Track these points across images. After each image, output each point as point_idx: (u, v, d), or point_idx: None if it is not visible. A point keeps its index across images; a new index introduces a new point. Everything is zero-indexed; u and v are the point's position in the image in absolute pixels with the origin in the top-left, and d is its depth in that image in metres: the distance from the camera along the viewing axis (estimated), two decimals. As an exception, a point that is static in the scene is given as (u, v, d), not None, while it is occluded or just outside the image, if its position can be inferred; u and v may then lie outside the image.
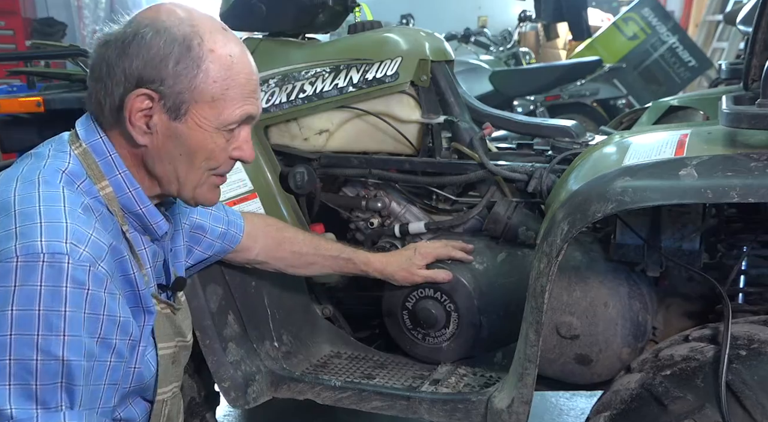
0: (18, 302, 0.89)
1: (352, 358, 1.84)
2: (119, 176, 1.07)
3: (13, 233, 0.92)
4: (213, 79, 1.05)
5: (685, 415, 1.18)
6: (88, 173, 1.05)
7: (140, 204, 1.10)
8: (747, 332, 1.24)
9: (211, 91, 1.05)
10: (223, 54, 1.06)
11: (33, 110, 1.82)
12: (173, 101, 1.04)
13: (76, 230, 0.94)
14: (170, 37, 1.03)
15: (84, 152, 1.06)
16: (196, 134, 1.07)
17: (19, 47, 6.65)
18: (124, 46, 1.02)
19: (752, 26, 1.52)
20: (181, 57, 1.03)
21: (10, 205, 0.95)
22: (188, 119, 1.06)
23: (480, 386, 1.64)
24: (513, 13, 7.44)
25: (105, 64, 1.04)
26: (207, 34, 1.06)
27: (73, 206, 0.98)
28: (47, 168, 1.02)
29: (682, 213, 1.46)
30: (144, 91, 1.03)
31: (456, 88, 1.92)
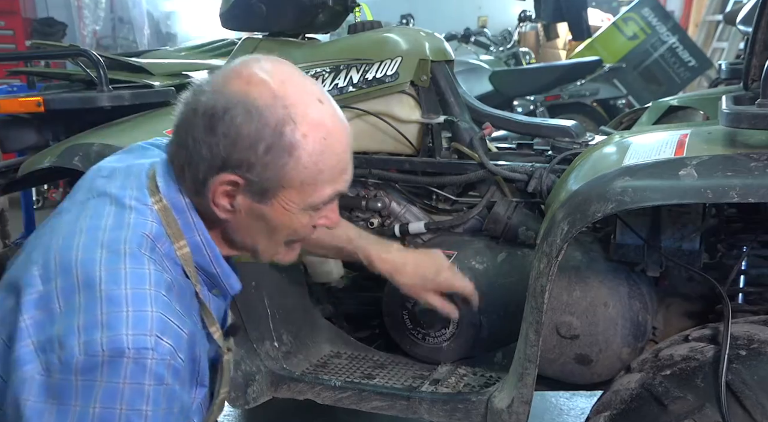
0: (101, 400, 0.88)
1: (352, 358, 1.84)
2: (197, 237, 1.03)
3: (99, 322, 0.89)
4: (303, 166, 0.98)
5: (685, 415, 1.18)
6: (167, 232, 1.00)
7: (216, 266, 1.06)
8: (747, 332, 1.24)
9: (300, 178, 0.99)
10: (316, 138, 0.98)
11: (33, 110, 1.81)
12: (259, 187, 0.98)
13: (160, 320, 0.92)
14: (262, 122, 0.95)
15: (164, 209, 1.01)
16: (281, 215, 1.03)
17: (19, 47, 6.64)
18: (213, 124, 0.95)
19: (752, 26, 1.52)
20: (272, 145, 0.95)
21: (95, 282, 0.91)
22: (274, 202, 1.01)
23: (480, 386, 1.64)
24: (513, 13, 7.43)
25: (191, 135, 0.97)
26: (300, 115, 0.96)
27: (158, 287, 0.94)
28: (132, 233, 0.97)
29: (682, 213, 1.46)
30: (230, 178, 0.97)
31: (456, 88, 1.92)
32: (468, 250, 1.78)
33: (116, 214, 1.00)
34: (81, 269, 0.92)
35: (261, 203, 1.01)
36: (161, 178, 1.03)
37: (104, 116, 1.84)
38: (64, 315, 0.90)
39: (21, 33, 6.88)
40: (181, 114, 1.00)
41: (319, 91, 1.02)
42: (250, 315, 1.74)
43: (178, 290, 0.99)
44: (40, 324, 0.91)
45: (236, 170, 0.96)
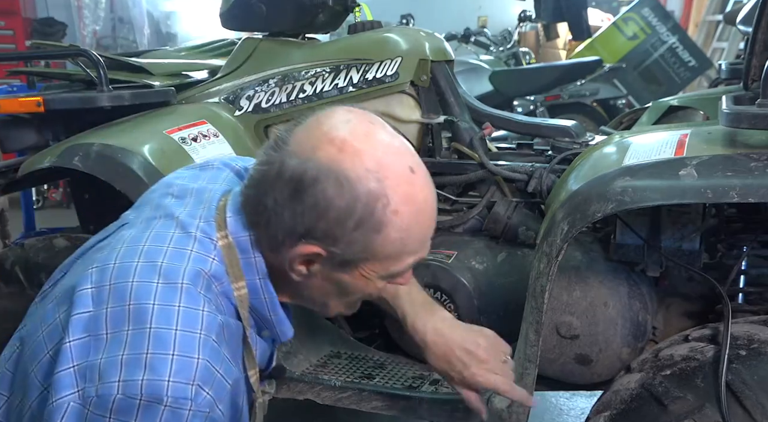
0: None
1: (352, 358, 1.83)
2: (258, 281, 0.99)
3: (143, 362, 0.86)
4: (390, 242, 0.94)
5: (685, 415, 1.18)
6: (227, 271, 0.97)
7: (272, 312, 1.03)
8: (747, 332, 1.24)
9: (385, 252, 0.95)
10: (407, 214, 0.93)
11: (33, 110, 1.81)
12: (341, 259, 0.95)
13: (205, 368, 0.88)
14: (353, 196, 0.89)
15: (228, 246, 0.97)
16: (359, 282, 1.00)
17: (19, 47, 6.64)
18: (300, 192, 0.90)
19: (752, 26, 1.52)
20: (362, 221, 0.90)
21: (147, 316, 0.88)
22: (354, 272, 0.98)
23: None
24: (513, 13, 7.43)
25: (272, 196, 0.92)
26: (392, 189, 0.91)
27: (209, 332, 0.91)
28: (191, 267, 0.93)
29: (682, 213, 1.46)
30: (312, 249, 0.93)
31: (456, 88, 1.92)
32: (468, 250, 1.78)
33: (179, 241, 0.96)
34: (134, 299, 0.89)
35: (340, 271, 0.97)
36: (231, 213, 0.99)
37: (104, 116, 1.84)
38: (110, 345, 0.87)
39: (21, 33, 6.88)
40: (263, 171, 0.94)
41: (411, 157, 0.96)
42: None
43: (228, 334, 0.96)
44: (84, 349, 0.88)
45: (320, 241, 0.92)
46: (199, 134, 1.79)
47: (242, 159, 1.19)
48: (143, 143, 1.69)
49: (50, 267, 1.75)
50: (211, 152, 1.77)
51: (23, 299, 1.79)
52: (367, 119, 0.96)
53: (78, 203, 2.18)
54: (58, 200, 5.34)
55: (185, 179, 1.09)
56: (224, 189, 1.05)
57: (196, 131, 1.79)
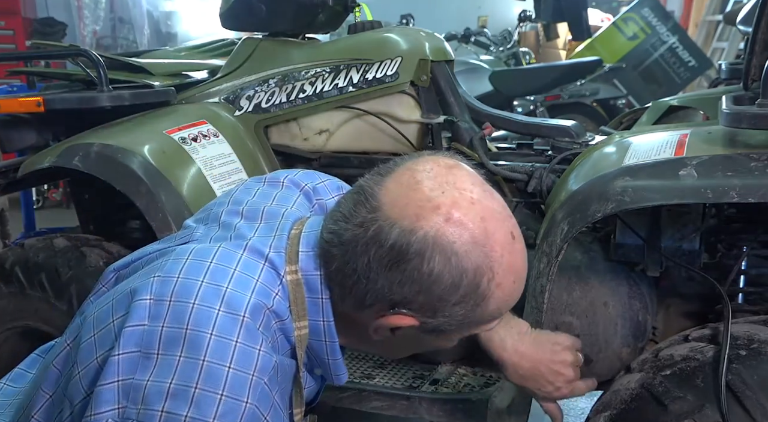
0: None
1: (352, 358, 1.83)
2: (322, 324, 0.95)
3: (190, 396, 0.82)
4: (489, 313, 0.90)
5: (685, 415, 1.18)
6: (290, 309, 0.93)
7: (330, 357, 0.99)
8: (747, 332, 1.24)
9: (478, 321, 0.92)
10: (509, 284, 0.89)
11: (33, 110, 1.81)
12: (434, 327, 0.90)
13: (251, 414, 0.85)
14: (459, 271, 0.85)
15: (296, 283, 0.93)
16: (442, 342, 0.97)
17: (19, 47, 6.64)
18: (401, 262, 0.84)
19: (752, 26, 1.52)
20: (466, 295, 0.86)
21: (202, 346, 0.84)
22: (443, 337, 0.94)
23: (480, 386, 1.64)
24: (513, 13, 7.44)
25: (364, 260, 0.86)
26: (498, 262, 0.87)
27: (261, 374, 0.87)
28: (255, 300, 0.88)
29: (682, 213, 1.46)
30: (407, 321, 0.89)
31: (456, 88, 1.92)
32: (468, 250, 1.78)
33: (247, 266, 0.91)
34: (192, 324, 0.85)
35: (427, 336, 0.93)
36: (304, 248, 0.94)
37: (104, 116, 1.85)
38: (159, 368, 0.84)
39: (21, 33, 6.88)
40: (354, 232, 0.88)
41: (510, 221, 0.91)
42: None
43: (281, 375, 0.93)
44: (132, 365, 0.85)
45: (416, 313, 0.88)
46: (199, 134, 1.79)
47: (308, 176, 1.15)
48: (143, 143, 1.69)
49: (50, 267, 1.76)
50: (211, 152, 1.77)
51: (23, 299, 1.80)
52: (464, 174, 0.90)
53: (78, 203, 2.18)
54: (58, 200, 5.34)
55: (254, 195, 1.05)
56: (297, 215, 1.00)
57: (196, 131, 1.79)
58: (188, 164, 1.71)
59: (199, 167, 1.72)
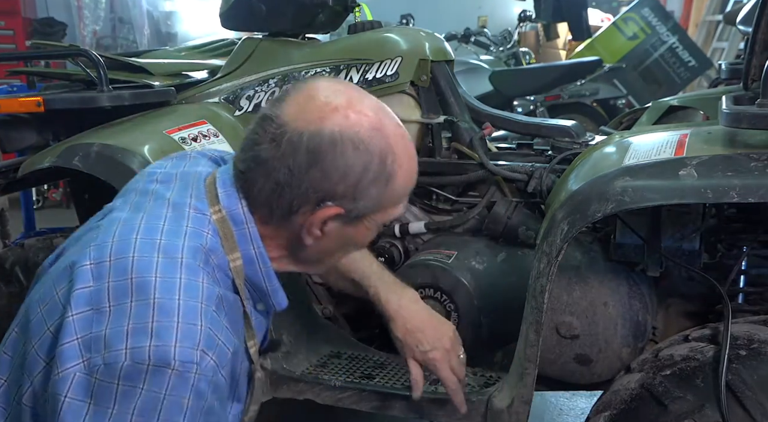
0: (139, 408, 0.87)
1: (352, 358, 1.83)
2: (252, 251, 1.03)
3: (149, 329, 0.88)
4: (395, 192, 1.03)
5: (685, 415, 1.18)
6: (222, 244, 1.00)
7: (267, 281, 1.06)
8: (747, 332, 1.24)
9: (389, 202, 1.04)
10: (406, 164, 1.03)
11: (33, 110, 1.81)
12: (355, 214, 1.01)
13: (208, 336, 0.91)
14: (368, 155, 0.97)
15: (222, 220, 1.01)
16: (363, 233, 1.07)
17: (19, 47, 6.64)
18: (318, 159, 0.95)
19: (752, 26, 1.52)
20: (377, 176, 0.99)
21: (150, 288, 0.91)
22: (361, 224, 1.04)
23: (480, 386, 1.64)
24: (513, 13, 7.43)
25: (285, 170, 0.96)
26: (395, 144, 1.01)
27: (209, 302, 0.94)
28: (189, 241, 0.96)
29: (682, 213, 1.46)
30: (333, 211, 0.99)
31: (456, 88, 1.92)
32: (468, 250, 1.78)
33: (174, 219, 0.99)
34: (136, 272, 0.92)
35: (349, 226, 1.03)
36: (222, 188, 1.03)
37: (104, 116, 1.84)
38: (114, 317, 0.89)
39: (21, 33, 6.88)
40: (266, 149, 0.97)
41: (394, 115, 1.05)
42: (250, 315, 1.74)
43: (227, 305, 0.99)
44: (87, 322, 0.90)
45: (339, 201, 0.98)
46: (199, 134, 1.79)
47: (215, 150, 1.23)
48: (143, 143, 1.69)
49: (50, 267, 1.76)
50: (211, 152, 1.77)
51: (23, 299, 1.80)
52: (351, 86, 1.04)
53: (78, 203, 2.18)
54: (58, 200, 5.34)
55: (165, 167, 1.11)
56: (208, 171, 1.08)
57: (196, 131, 1.79)
58: (188, 164, 1.71)
59: (199, 167, 1.72)
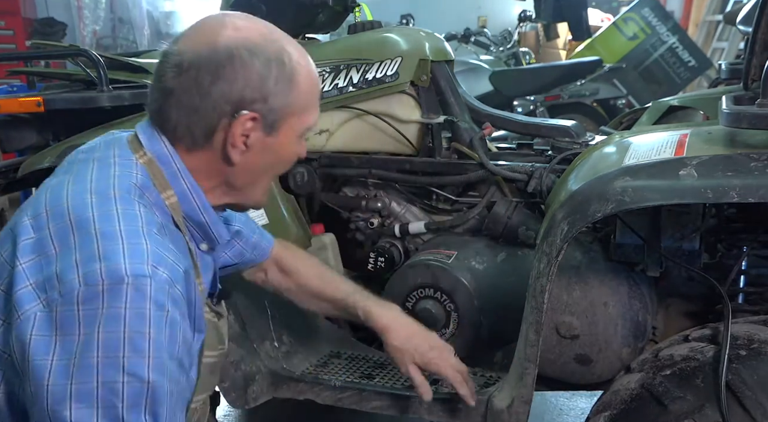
0: (105, 325, 0.89)
1: (352, 358, 1.83)
2: (184, 186, 1.06)
3: (96, 255, 0.91)
4: (303, 91, 1.07)
5: (685, 415, 1.18)
6: (154, 183, 1.04)
7: (204, 214, 1.09)
8: (747, 332, 1.24)
9: (301, 103, 1.08)
10: (305, 64, 1.09)
11: (33, 110, 1.81)
12: (272, 118, 1.05)
13: (155, 252, 0.95)
14: (265, 57, 1.03)
15: (149, 162, 1.05)
16: (285, 144, 1.10)
17: (19, 47, 6.64)
18: (220, 71, 1.01)
19: (752, 26, 1.52)
20: (280, 75, 1.04)
21: (90, 223, 0.94)
22: (280, 133, 1.07)
23: (480, 386, 1.64)
24: (513, 13, 7.43)
25: (193, 92, 1.01)
26: (287, 46, 1.07)
27: (150, 226, 0.97)
28: (120, 181, 1.00)
29: (682, 213, 1.46)
30: (250, 115, 1.03)
31: (456, 88, 1.92)
32: (468, 250, 1.78)
33: (100, 169, 1.03)
34: (73, 213, 0.96)
35: (271, 135, 1.07)
36: (143, 134, 1.07)
37: (104, 116, 1.84)
38: (61, 255, 0.93)
39: (21, 33, 6.88)
40: (171, 79, 1.02)
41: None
42: (250, 315, 1.74)
43: (170, 234, 1.02)
44: (37, 266, 0.93)
45: (252, 106, 1.03)
46: (199, 134, 1.79)
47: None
48: (143, 143, 1.68)
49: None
50: (211, 152, 1.77)
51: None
52: (233, 12, 1.10)
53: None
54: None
55: (91, 143, 1.14)
56: (129, 132, 1.11)
57: (196, 131, 1.79)
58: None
59: (199, 167, 1.72)
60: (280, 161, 1.13)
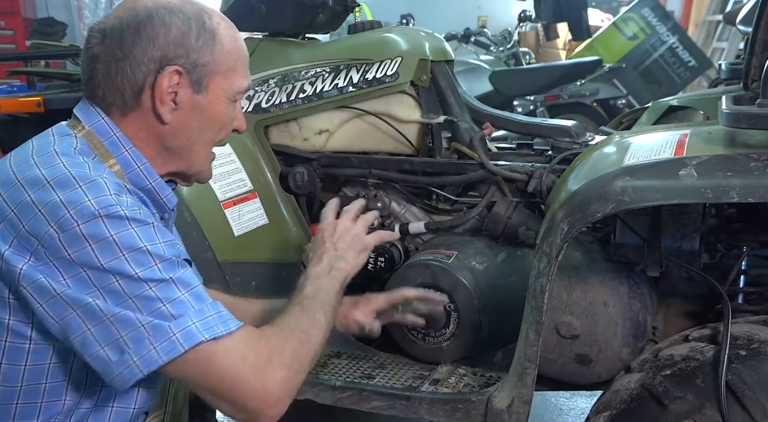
0: (102, 257, 0.93)
1: (352, 358, 1.83)
2: (126, 153, 1.09)
3: (59, 203, 0.94)
4: (227, 50, 1.10)
5: (685, 415, 1.18)
6: (95, 153, 1.07)
7: (149, 178, 1.11)
8: (747, 332, 1.24)
9: (226, 62, 1.11)
10: (226, 26, 1.13)
11: (33, 110, 1.82)
12: (198, 75, 1.08)
13: (114, 183, 0.99)
14: (185, 15, 1.07)
15: (88, 134, 1.08)
16: (215, 105, 1.12)
17: (19, 47, 6.64)
18: (140, 31, 1.05)
19: (752, 26, 1.52)
20: (200, 32, 1.08)
21: (40, 179, 0.97)
22: (209, 92, 1.10)
23: (480, 386, 1.64)
24: (513, 13, 7.43)
25: (118, 52, 1.05)
26: (208, 10, 1.12)
27: (98, 172, 1.00)
28: (59, 145, 1.04)
29: (682, 213, 1.46)
30: (173, 69, 1.06)
31: (456, 88, 1.92)
32: (468, 250, 1.78)
33: (39, 146, 1.05)
34: (21, 176, 0.99)
35: (199, 93, 1.09)
36: (80, 111, 1.10)
37: (104, 116, 1.84)
38: (21, 215, 0.96)
39: (21, 33, 6.88)
40: (98, 46, 1.06)
41: None
42: (250, 315, 1.74)
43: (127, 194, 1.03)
44: (4, 232, 0.96)
45: (176, 61, 1.06)
46: (199, 134, 1.79)
47: None
48: (143, 143, 1.68)
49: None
50: (211, 152, 1.77)
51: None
52: None
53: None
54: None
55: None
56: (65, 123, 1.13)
57: (196, 131, 1.79)
58: (188, 164, 1.71)
59: (199, 167, 1.72)
60: (213, 123, 1.14)
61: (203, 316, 0.96)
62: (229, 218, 1.75)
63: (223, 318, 0.99)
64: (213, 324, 0.97)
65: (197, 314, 0.96)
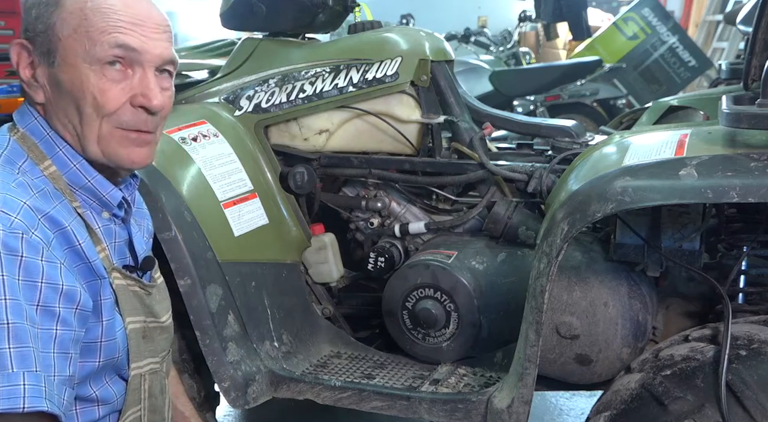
0: None
1: (352, 358, 1.83)
2: (60, 153, 1.07)
3: None
4: (69, 11, 1.04)
5: (685, 415, 1.18)
6: (29, 156, 1.05)
7: (87, 176, 1.08)
8: (747, 332, 1.24)
9: (70, 23, 1.03)
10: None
11: (33, 110, 1.81)
12: (42, 45, 1.05)
13: (6, 199, 0.95)
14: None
15: (22, 137, 1.07)
16: (69, 74, 1.04)
17: (19, 47, 6.64)
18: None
19: (752, 26, 1.52)
20: (38, 2, 1.05)
21: None
22: (59, 61, 1.04)
23: (480, 386, 1.64)
24: (513, 13, 7.44)
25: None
26: None
27: (6, 180, 0.98)
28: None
29: (682, 213, 1.46)
30: (18, 41, 1.06)
31: (456, 88, 1.92)
32: (468, 250, 1.78)
33: None
34: None
35: (51, 66, 1.05)
36: (17, 114, 1.10)
37: (104, 116, 1.84)
38: None
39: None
40: None
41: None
42: (250, 315, 1.74)
43: (40, 194, 1.00)
44: None
45: (24, 34, 1.06)
46: (198, 133, 1.79)
47: None
48: (143, 143, 1.68)
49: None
50: (211, 152, 1.77)
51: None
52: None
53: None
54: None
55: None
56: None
57: (196, 131, 1.79)
58: (188, 163, 1.71)
59: (199, 167, 1.72)
60: (78, 96, 1.05)
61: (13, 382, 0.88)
62: (229, 218, 1.75)
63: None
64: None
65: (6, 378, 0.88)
